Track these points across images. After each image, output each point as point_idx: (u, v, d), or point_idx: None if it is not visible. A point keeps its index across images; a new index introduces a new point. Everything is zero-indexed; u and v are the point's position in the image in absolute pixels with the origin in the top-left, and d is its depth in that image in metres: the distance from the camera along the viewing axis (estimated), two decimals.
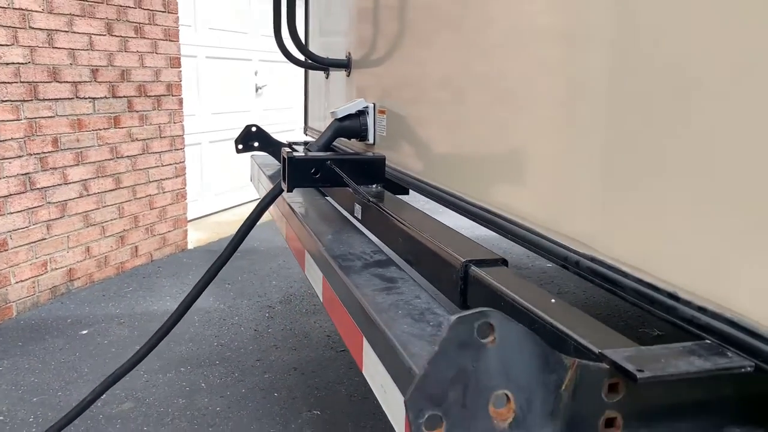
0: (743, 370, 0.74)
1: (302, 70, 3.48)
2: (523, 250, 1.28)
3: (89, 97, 4.11)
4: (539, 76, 1.21)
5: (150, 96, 4.62)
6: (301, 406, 2.88)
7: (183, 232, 5.18)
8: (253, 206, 2.08)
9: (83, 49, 4.04)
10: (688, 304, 0.85)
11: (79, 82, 4.03)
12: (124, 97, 4.39)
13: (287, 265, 4.92)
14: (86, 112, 4.10)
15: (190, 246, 5.28)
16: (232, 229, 1.95)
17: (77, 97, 4.02)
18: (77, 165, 4.09)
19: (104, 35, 4.18)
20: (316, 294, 4.43)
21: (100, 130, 4.23)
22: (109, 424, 2.69)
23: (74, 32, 3.96)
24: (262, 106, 6.87)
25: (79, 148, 4.08)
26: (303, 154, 1.84)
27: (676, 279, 0.88)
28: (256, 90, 6.77)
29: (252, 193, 5.51)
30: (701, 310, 0.82)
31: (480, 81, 1.47)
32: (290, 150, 1.85)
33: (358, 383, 3.08)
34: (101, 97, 4.20)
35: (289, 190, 1.86)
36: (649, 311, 0.91)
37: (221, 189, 6.24)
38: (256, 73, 6.72)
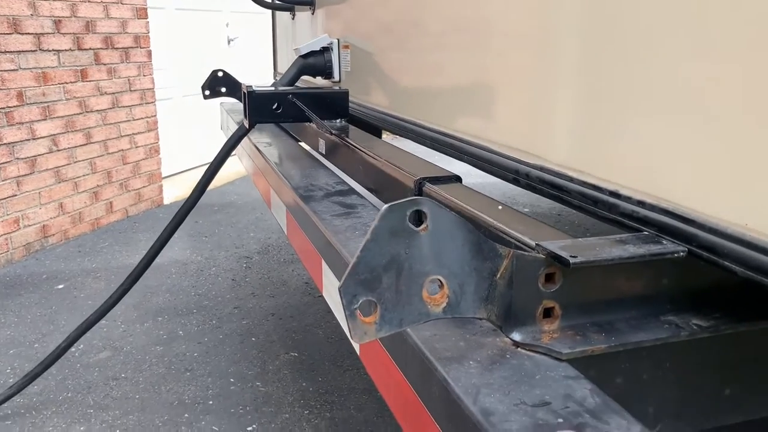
0: (676, 255, 0.75)
1: (269, 23, 3.41)
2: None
3: (53, 50, 4.01)
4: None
5: (117, 48, 4.51)
6: (279, 349, 2.91)
7: (158, 187, 5.13)
8: (234, 162, 2.05)
9: None
10: (628, 199, 0.86)
11: (42, 33, 3.92)
12: (90, 49, 4.29)
13: (265, 218, 4.91)
14: (51, 65, 4.00)
15: (166, 201, 5.24)
16: (210, 185, 1.93)
17: (40, 50, 3.92)
18: (45, 120, 4.01)
19: None
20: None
21: (67, 83, 4.14)
22: (87, 371, 2.70)
23: None
24: (234, 58, 6.75)
25: (45, 102, 3.99)
26: (263, 89, 1.81)
27: (617, 178, 0.89)
28: (228, 42, 6.63)
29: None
30: (640, 203, 0.84)
31: (442, 11, 1.45)
32: (251, 85, 1.82)
33: (335, 326, 3.11)
34: (66, 50, 4.10)
35: (251, 126, 1.84)
36: (594, 213, 0.92)
37: (196, 144, 6.17)
38: (227, 25, 6.58)
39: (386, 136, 3.30)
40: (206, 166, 1.96)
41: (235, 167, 6.31)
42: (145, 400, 2.50)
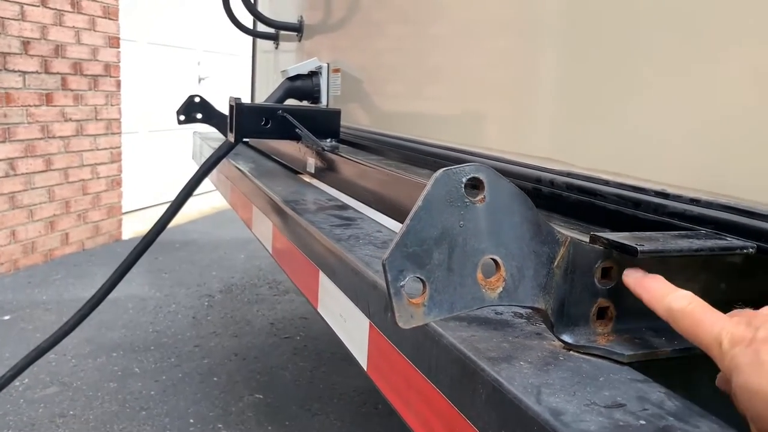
0: (745, 251, 0.68)
1: (245, 63, 3.36)
2: None
3: (19, 71, 3.86)
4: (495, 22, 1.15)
5: (86, 75, 4.39)
6: (243, 390, 2.73)
7: (117, 221, 4.93)
8: (197, 200, 1.93)
9: (13, 19, 3.79)
10: (678, 198, 0.79)
11: (8, 53, 3.78)
12: (58, 73, 4.15)
13: (228, 257, 4.74)
14: (15, 86, 3.85)
15: (125, 236, 5.03)
16: (172, 222, 1.80)
17: (5, 69, 3.77)
18: (3, 142, 3.83)
19: (37, 6, 3.95)
20: (258, 279, 4.28)
21: (31, 106, 3.98)
22: (31, 407, 2.48)
23: None
24: (205, 97, 6.66)
25: (6, 124, 3.82)
26: (252, 103, 1.73)
27: (664, 177, 0.82)
28: (199, 81, 6.57)
29: None
30: (693, 201, 0.77)
31: (438, 32, 1.40)
32: (238, 97, 1.74)
33: (303, 368, 2.96)
34: (32, 72, 3.96)
35: (237, 142, 1.74)
36: (634, 216, 0.85)
37: (160, 181, 6.00)
38: (198, 63, 6.53)
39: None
40: (168, 205, 1.83)
41: (197, 206, 6.16)
42: None
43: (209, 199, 6.06)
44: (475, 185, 0.59)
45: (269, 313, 3.64)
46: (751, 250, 0.68)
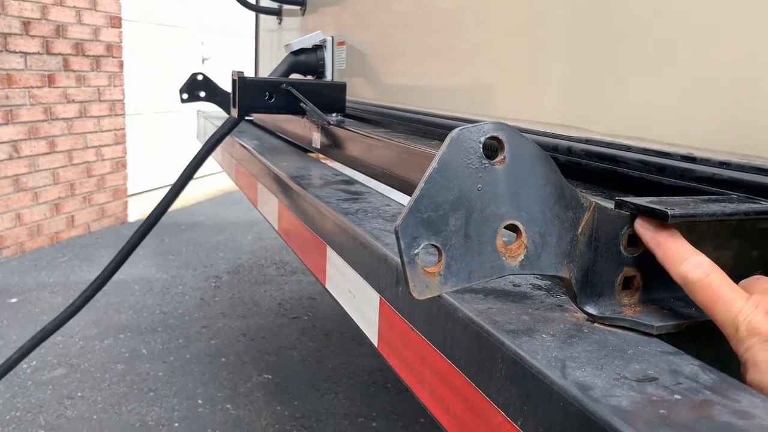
0: None
1: (248, 42, 3.30)
2: None
3: (20, 52, 3.82)
4: None
5: (88, 56, 4.34)
6: (251, 370, 2.72)
7: (123, 203, 4.91)
8: (202, 182, 1.88)
9: None
10: (706, 162, 0.74)
11: (9, 33, 3.73)
12: (60, 54, 4.10)
13: (235, 238, 4.72)
14: (17, 67, 3.81)
15: (131, 219, 5.01)
16: (177, 204, 1.76)
17: (6, 50, 3.73)
18: (6, 124, 3.79)
19: None
20: (264, 260, 4.25)
21: (33, 88, 3.93)
22: (39, 389, 2.47)
23: None
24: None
25: (8, 105, 3.78)
26: (255, 77, 1.68)
27: (690, 141, 0.78)
28: (203, 61, 6.50)
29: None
30: (724, 165, 0.72)
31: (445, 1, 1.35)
32: (241, 71, 1.69)
33: (312, 348, 2.94)
34: (34, 53, 3.91)
35: (240, 116, 1.70)
36: (658, 182, 0.81)
37: (165, 163, 5.97)
38: (202, 44, 6.46)
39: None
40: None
41: (202, 189, 6.13)
42: (103, 421, 2.28)
43: (215, 181, 6.03)
44: (494, 145, 0.55)
45: (277, 294, 3.62)
46: None
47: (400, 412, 2.40)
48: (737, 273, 0.70)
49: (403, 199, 1.23)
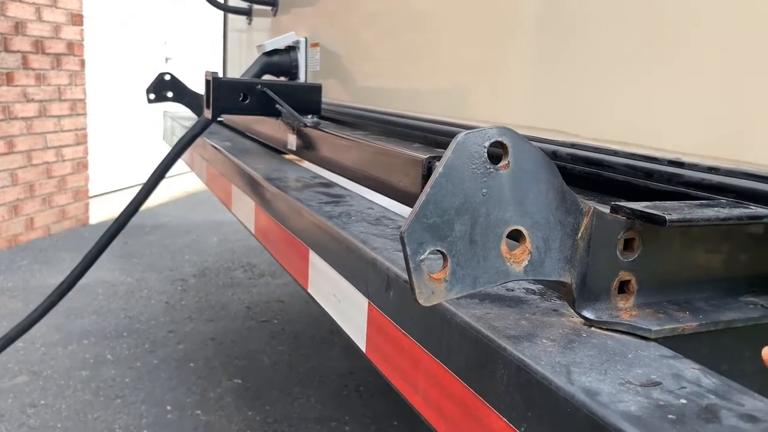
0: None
1: (214, 43, 3.26)
2: None
3: None
4: None
5: (48, 54, 4.22)
6: (221, 375, 2.67)
7: (84, 205, 4.79)
8: (167, 184, 1.83)
9: None
10: (694, 167, 0.75)
11: None
12: (19, 52, 3.98)
13: (201, 240, 4.64)
14: None
15: (92, 221, 4.89)
16: (142, 206, 1.71)
17: None
18: None
19: None
20: (232, 262, 4.19)
21: None
22: (0, 398, 2.38)
23: None
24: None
25: None
26: (230, 77, 1.66)
27: (678, 146, 0.79)
28: (166, 61, 6.39)
29: None
30: (712, 170, 0.73)
31: (419, 2, 1.35)
32: (215, 72, 1.66)
33: (282, 352, 2.90)
34: None
35: (215, 118, 1.67)
36: (646, 187, 0.82)
37: (128, 164, 5.84)
38: (165, 43, 6.34)
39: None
40: (138, 188, 1.75)
41: (167, 190, 6.01)
42: (68, 429, 2.21)
43: (179, 183, 5.93)
44: (497, 152, 0.54)
45: (245, 297, 3.58)
46: None
47: (373, 415, 2.39)
48: (727, 275, 0.71)
49: (383, 201, 1.22)
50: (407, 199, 1.17)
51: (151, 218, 5.12)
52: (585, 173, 0.91)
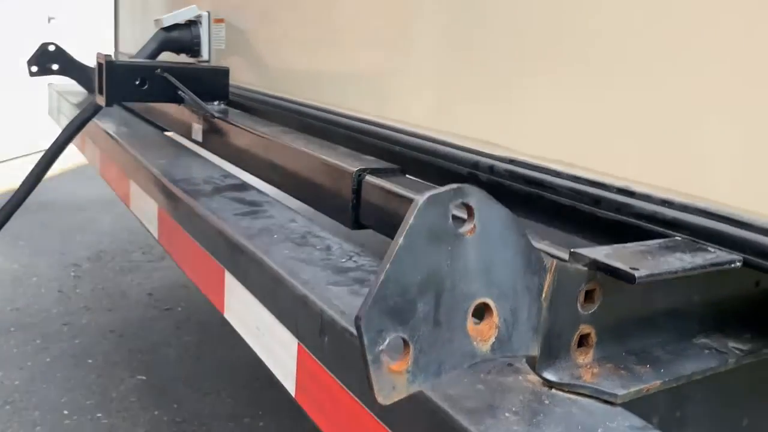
0: (732, 265, 0.62)
1: (104, 3, 2.98)
2: None
3: None
4: None
5: None
6: (123, 372, 2.50)
7: None
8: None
9: None
10: (646, 198, 0.71)
11: None
12: None
13: (94, 218, 4.34)
14: None
15: None
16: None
17: None
18: None
19: None
20: (129, 244, 3.96)
21: None
22: None
23: None
24: (56, 39, 5.96)
25: None
26: (126, 60, 1.49)
27: (626, 172, 0.74)
28: (48, 21, 5.86)
29: (51, 136, 4.76)
30: (666, 203, 0.69)
31: None
32: (109, 54, 1.49)
33: (188, 343, 2.76)
34: None
35: (109, 105, 1.50)
36: (592, 214, 0.77)
37: (10, 133, 5.34)
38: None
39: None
40: (23, 158, 1.57)
41: (56, 163, 5.57)
42: None
43: (68, 153, 5.50)
44: (463, 213, 0.47)
45: (146, 283, 3.37)
46: (738, 264, 0.62)
47: (288, 408, 2.32)
48: (681, 317, 0.68)
49: (299, 207, 1.13)
50: (329, 210, 1.08)
51: (38, 194, 4.70)
52: (526, 193, 0.86)
